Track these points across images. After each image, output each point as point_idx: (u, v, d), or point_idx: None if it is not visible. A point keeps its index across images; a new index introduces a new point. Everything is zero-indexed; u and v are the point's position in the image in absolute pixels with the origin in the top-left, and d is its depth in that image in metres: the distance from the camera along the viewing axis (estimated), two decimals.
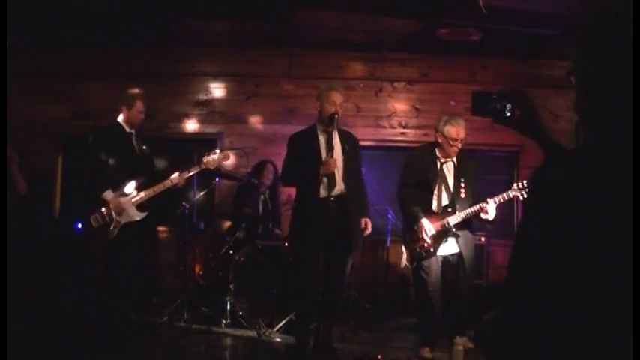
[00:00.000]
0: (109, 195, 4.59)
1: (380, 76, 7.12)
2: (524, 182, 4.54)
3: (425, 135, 7.11)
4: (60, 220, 6.90)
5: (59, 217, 6.98)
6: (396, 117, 7.14)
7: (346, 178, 4.60)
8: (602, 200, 1.03)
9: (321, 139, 4.65)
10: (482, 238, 6.35)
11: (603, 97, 1.16)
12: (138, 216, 4.68)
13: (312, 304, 4.65)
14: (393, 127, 7.04)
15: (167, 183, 4.75)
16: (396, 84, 7.15)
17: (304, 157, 4.61)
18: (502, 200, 4.52)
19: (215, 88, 7.11)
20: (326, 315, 4.68)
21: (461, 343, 4.54)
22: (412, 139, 7.09)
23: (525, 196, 4.51)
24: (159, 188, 4.74)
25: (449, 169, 4.72)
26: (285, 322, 5.26)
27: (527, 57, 7.04)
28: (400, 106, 7.15)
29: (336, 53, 7.03)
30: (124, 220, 4.61)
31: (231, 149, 6.70)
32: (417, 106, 7.15)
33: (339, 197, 4.56)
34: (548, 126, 1.77)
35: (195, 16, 6.05)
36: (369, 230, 4.72)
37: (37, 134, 6.72)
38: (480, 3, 4.94)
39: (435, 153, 4.71)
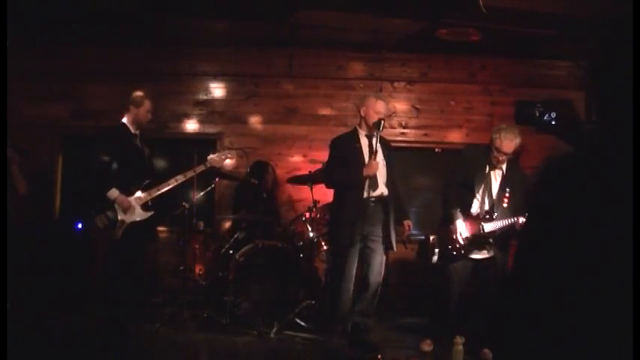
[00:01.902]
0: (114, 193, 4.57)
1: (380, 76, 7.12)
2: None
3: (425, 135, 7.12)
4: (60, 220, 6.90)
5: (59, 217, 6.97)
6: (396, 117, 7.14)
7: (387, 181, 4.76)
8: (606, 198, 1.04)
9: (363, 142, 4.76)
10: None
11: (616, 101, 1.17)
12: (143, 215, 4.68)
13: (349, 303, 4.72)
14: (393, 127, 7.03)
15: (172, 182, 4.76)
16: (396, 84, 7.15)
17: (347, 160, 4.74)
18: None
19: (215, 88, 7.11)
20: (364, 311, 4.76)
21: (461, 342, 4.56)
22: (412, 139, 7.10)
23: None
24: (164, 188, 4.75)
25: (496, 176, 4.68)
26: (285, 322, 5.26)
27: (527, 57, 7.04)
28: (400, 106, 7.15)
29: (336, 53, 7.03)
30: (129, 219, 4.60)
31: (231, 149, 6.70)
32: (417, 106, 7.15)
33: (379, 199, 4.68)
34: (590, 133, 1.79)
35: (195, 16, 6.04)
36: (409, 230, 4.94)
37: (37, 134, 6.72)
38: (480, 3, 4.94)
39: (489, 156, 4.65)
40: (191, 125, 7.08)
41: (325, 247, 5.58)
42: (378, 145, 4.74)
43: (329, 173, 4.94)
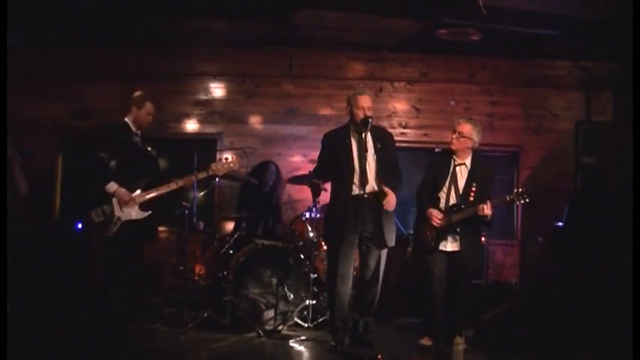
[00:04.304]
0: (112, 186, 4.51)
1: (380, 76, 7.12)
2: (523, 189, 4.73)
3: (425, 135, 7.13)
4: (60, 220, 6.90)
5: (59, 217, 6.97)
6: (396, 117, 7.14)
7: (378, 176, 4.67)
8: None
9: (353, 138, 4.73)
10: (483, 238, 6.35)
11: None
12: (140, 215, 4.64)
13: (346, 302, 4.71)
14: (393, 127, 7.04)
15: (172, 185, 4.70)
16: (396, 84, 7.16)
17: (336, 156, 4.73)
18: (499, 203, 4.72)
19: (215, 88, 7.11)
20: (363, 310, 4.73)
21: (461, 343, 4.60)
22: (412, 139, 7.10)
23: (522, 202, 4.67)
24: (163, 189, 4.69)
25: (462, 172, 4.91)
26: (286, 323, 5.27)
27: (527, 57, 7.05)
28: (400, 106, 7.16)
29: (336, 53, 7.03)
30: (125, 216, 4.57)
31: (231, 149, 6.71)
32: (417, 106, 7.15)
33: (371, 195, 4.61)
34: None
35: (195, 16, 6.05)
36: (390, 201, 4.58)
37: (37, 134, 6.72)
38: (480, 3, 4.94)
39: (452, 155, 4.95)
40: (191, 125, 7.08)
41: (325, 247, 5.59)
42: (370, 141, 4.68)
43: (316, 169, 5.00)
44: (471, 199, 4.80)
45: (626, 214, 3.95)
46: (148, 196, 4.65)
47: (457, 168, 4.91)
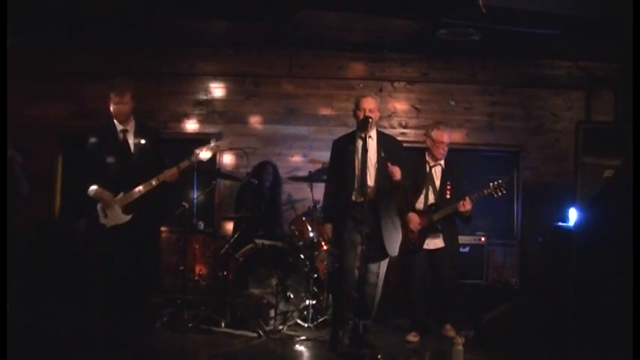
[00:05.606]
0: (92, 189, 4.50)
1: (380, 76, 7.12)
2: (499, 181, 4.99)
3: (425, 135, 7.11)
4: (60, 220, 6.90)
5: (59, 217, 6.97)
6: (396, 117, 7.14)
7: (378, 183, 4.66)
8: None
9: (358, 144, 4.71)
10: (483, 238, 6.35)
11: None
12: (124, 219, 4.54)
13: (345, 303, 4.75)
14: (393, 127, 7.04)
15: (154, 181, 4.58)
16: (396, 84, 7.15)
17: (341, 162, 4.78)
18: (477, 198, 5.02)
19: (215, 88, 7.11)
20: (362, 312, 4.73)
21: (461, 343, 4.61)
22: (412, 139, 7.09)
23: (500, 195, 4.97)
24: (145, 187, 4.59)
25: (437, 173, 5.21)
26: (287, 323, 5.27)
27: (527, 57, 7.05)
28: (400, 106, 7.16)
29: (336, 53, 7.03)
30: (110, 222, 4.50)
31: (231, 149, 6.72)
32: (417, 106, 7.15)
33: (371, 202, 4.61)
34: None
35: (195, 16, 6.04)
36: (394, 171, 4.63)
37: (37, 134, 6.72)
38: (480, 3, 4.94)
39: (425, 157, 5.24)
40: (191, 125, 7.08)
41: (325, 247, 5.59)
42: (374, 145, 4.70)
43: (327, 174, 5.23)
44: (447, 196, 5.11)
45: None
46: (131, 198, 4.58)
47: (433, 169, 5.20)
